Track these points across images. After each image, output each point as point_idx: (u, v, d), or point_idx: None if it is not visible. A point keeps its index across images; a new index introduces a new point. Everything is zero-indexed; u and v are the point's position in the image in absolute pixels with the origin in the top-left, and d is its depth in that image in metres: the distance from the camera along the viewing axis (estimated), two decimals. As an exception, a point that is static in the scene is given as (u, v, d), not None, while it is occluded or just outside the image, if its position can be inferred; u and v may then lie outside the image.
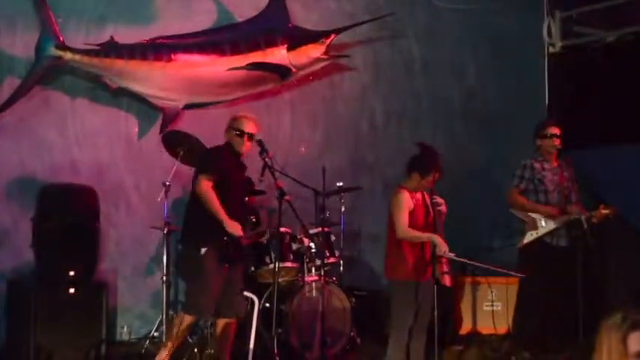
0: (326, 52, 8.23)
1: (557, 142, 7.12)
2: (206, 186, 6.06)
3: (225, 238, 6.02)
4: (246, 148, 6.32)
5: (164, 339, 6.59)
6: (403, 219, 6.04)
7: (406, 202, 6.09)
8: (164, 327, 7.04)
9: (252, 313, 6.54)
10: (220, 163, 6.21)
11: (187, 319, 6.09)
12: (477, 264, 6.62)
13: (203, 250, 6.02)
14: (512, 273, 6.61)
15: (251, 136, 6.29)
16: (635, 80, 8.40)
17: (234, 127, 6.32)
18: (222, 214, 6.03)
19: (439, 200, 6.22)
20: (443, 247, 5.93)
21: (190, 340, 6.79)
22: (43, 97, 7.50)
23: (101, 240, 7.25)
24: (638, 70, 8.40)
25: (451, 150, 8.85)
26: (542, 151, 7.16)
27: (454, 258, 5.98)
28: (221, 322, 6.18)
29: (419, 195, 6.21)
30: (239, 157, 6.37)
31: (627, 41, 8.80)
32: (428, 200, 6.22)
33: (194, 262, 6.08)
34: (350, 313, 7.16)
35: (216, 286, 6.06)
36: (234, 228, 6.05)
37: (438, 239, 5.97)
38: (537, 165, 7.13)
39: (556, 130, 7.14)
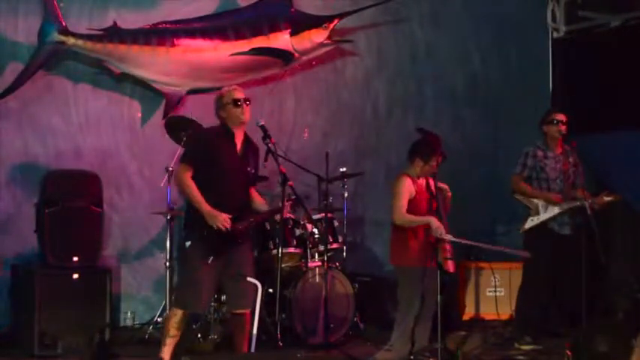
0: (329, 37, 8.22)
1: (562, 128, 7.09)
2: (182, 176, 5.70)
3: (204, 231, 5.63)
4: (247, 117, 5.81)
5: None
6: (401, 204, 6.04)
7: (406, 188, 6.08)
8: (167, 312, 7.06)
9: (255, 299, 6.54)
10: (204, 149, 5.80)
11: (175, 313, 5.80)
12: (477, 245, 6.58)
13: (188, 244, 5.81)
14: (516, 252, 6.60)
15: (247, 101, 5.83)
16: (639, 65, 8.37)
17: (227, 101, 5.80)
18: (201, 205, 5.63)
19: (443, 186, 6.22)
20: (439, 229, 5.92)
21: (194, 326, 6.81)
22: (46, 83, 7.51)
23: (104, 225, 7.26)
24: (643, 54, 8.38)
25: (455, 135, 8.85)
26: (548, 137, 7.14)
27: (452, 239, 5.96)
28: (234, 314, 5.89)
29: (422, 181, 6.20)
30: (234, 139, 5.80)
31: (632, 25, 8.75)
32: (433, 186, 6.21)
33: (182, 254, 5.98)
34: (353, 299, 7.18)
35: (204, 281, 5.69)
36: (215, 219, 5.59)
37: (434, 221, 5.96)
38: (540, 153, 7.10)
39: (562, 117, 7.11)
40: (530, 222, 7.05)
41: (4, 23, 7.35)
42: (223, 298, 6.92)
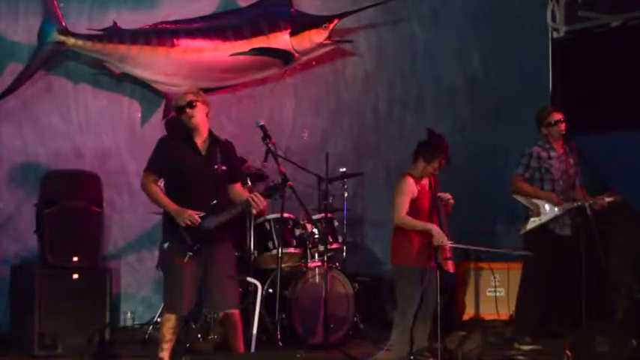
0: (329, 38, 8.24)
1: (563, 127, 7.09)
2: (144, 182, 5.80)
3: (177, 231, 5.63)
4: (197, 120, 5.72)
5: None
6: (402, 205, 6.03)
7: (408, 188, 6.08)
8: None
9: (255, 299, 6.54)
10: (161, 155, 5.79)
11: (168, 318, 5.77)
12: (478, 248, 6.61)
13: (165, 245, 5.78)
14: (517, 252, 6.62)
15: (191, 104, 5.71)
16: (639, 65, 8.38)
17: (175, 109, 5.86)
18: (167, 206, 5.68)
19: (445, 195, 6.20)
20: (440, 238, 5.92)
21: (194, 326, 6.81)
22: (46, 83, 7.50)
23: (104, 226, 7.27)
24: (642, 55, 8.38)
25: (454, 135, 8.82)
26: (549, 138, 7.12)
27: (454, 245, 5.97)
28: (223, 315, 5.87)
29: (425, 181, 6.20)
30: (193, 139, 5.76)
31: (632, 26, 8.76)
32: (434, 186, 6.21)
33: (162, 257, 5.97)
34: (353, 299, 7.17)
35: (185, 281, 5.66)
36: (181, 215, 5.60)
37: (435, 229, 5.95)
38: (544, 154, 7.07)
39: (560, 116, 7.11)
40: (532, 223, 7.03)
41: (4, 24, 7.34)
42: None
